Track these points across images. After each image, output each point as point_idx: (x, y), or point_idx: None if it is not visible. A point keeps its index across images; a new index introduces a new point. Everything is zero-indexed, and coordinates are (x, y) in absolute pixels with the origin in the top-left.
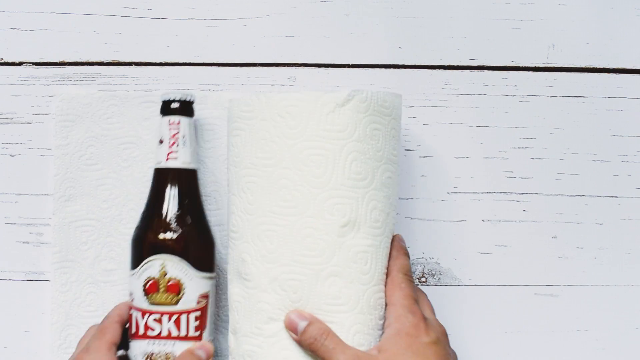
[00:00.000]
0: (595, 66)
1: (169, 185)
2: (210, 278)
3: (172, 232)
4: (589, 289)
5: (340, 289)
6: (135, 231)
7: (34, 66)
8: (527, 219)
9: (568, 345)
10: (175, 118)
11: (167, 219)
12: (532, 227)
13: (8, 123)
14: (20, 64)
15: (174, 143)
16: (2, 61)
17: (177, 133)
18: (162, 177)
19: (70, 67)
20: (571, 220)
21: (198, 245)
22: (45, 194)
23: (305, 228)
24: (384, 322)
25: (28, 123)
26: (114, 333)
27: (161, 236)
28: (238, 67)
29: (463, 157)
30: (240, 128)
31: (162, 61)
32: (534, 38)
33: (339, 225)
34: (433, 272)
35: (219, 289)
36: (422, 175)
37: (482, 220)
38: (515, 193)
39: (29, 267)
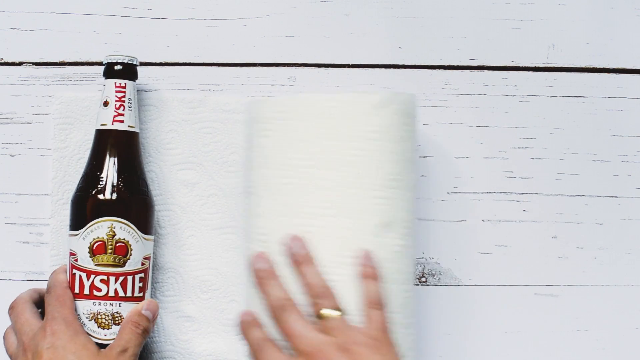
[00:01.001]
0: (595, 66)
1: (115, 148)
2: (152, 240)
3: (122, 195)
4: (589, 289)
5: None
6: (79, 192)
7: (34, 66)
8: (527, 219)
9: (568, 345)
10: (122, 81)
11: (117, 182)
12: (532, 227)
13: (8, 123)
14: (20, 64)
15: (121, 106)
16: (2, 61)
17: (124, 96)
18: (108, 140)
19: (70, 67)
20: (571, 220)
21: (144, 209)
22: (45, 194)
23: (342, 229)
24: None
25: (28, 123)
26: (72, 300)
27: (111, 199)
28: (238, 67)
29: (463, 157)
30: (270, 129)
31: (162, 61)
32: (534, 38)
33: (376, 226)
34: (433, 272)
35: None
36: (422, 175)
37: (482, 220)
38: (515, 193)
39: (29, 267)
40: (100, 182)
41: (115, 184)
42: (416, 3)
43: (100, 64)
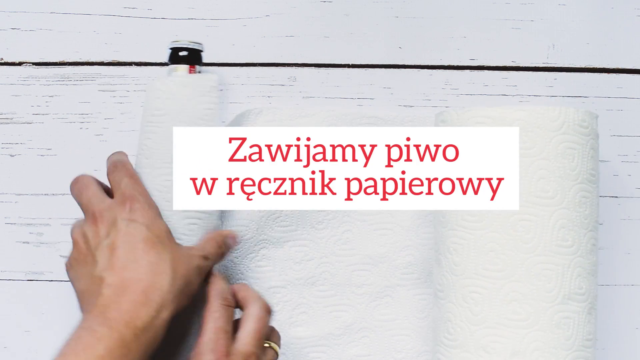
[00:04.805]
0: (595, 66)
1: None
2: None
3: None
4: None
5: (521, 306)
6: None
7: (34, 66)
8: None
9: None
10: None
11: None
12: None
13: (8, 123)
14: (20, 64)
15: None
16: (2, 61)
17: None
18: None
19: (70, 67)
20: None
21: None
22: (45, 194)
23: (489, 242)
24: None
25: (28, 123)
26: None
27: None
28: (238, 67)
29: None
30: None
31: (162, 61)
32: (534, 38)
33: (523, 242)
34: None
35: None
36: None
37: None
38: None
39: (29, 267)
40: None
41: None
42: (416, 3)
43: (100, 63)
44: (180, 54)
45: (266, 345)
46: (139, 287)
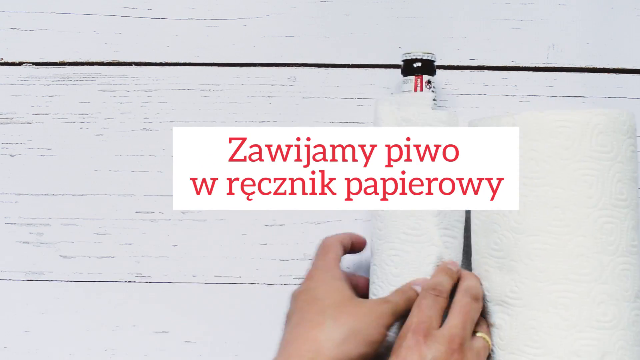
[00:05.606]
0: (595, 66)
1: None
2: None
3: None
4: None
5: (608, 307)
6: None
7: (34, 66)
8: None
9: None
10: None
11: None
12: None
13: (8, 123)
14: (20, 64)
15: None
16: (2, 61)
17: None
18: None
19: (70, 67)
20: None
21: None
22: (45, 194)
23: (577, 247)
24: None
25: (28, 123)
26: (337, 252)
27: None
28: (238, 67)
29: None
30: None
31: (162, 61)
32: (534, 38)
33: (607, 244)
34: None
35: None
36: None
37: None
38: None
39: (29, 267)
40: None
41: None
42: (416, 3)
43: (100, 63)
44: (414, 65)
45: (478, 334)
46: (298, 355)
